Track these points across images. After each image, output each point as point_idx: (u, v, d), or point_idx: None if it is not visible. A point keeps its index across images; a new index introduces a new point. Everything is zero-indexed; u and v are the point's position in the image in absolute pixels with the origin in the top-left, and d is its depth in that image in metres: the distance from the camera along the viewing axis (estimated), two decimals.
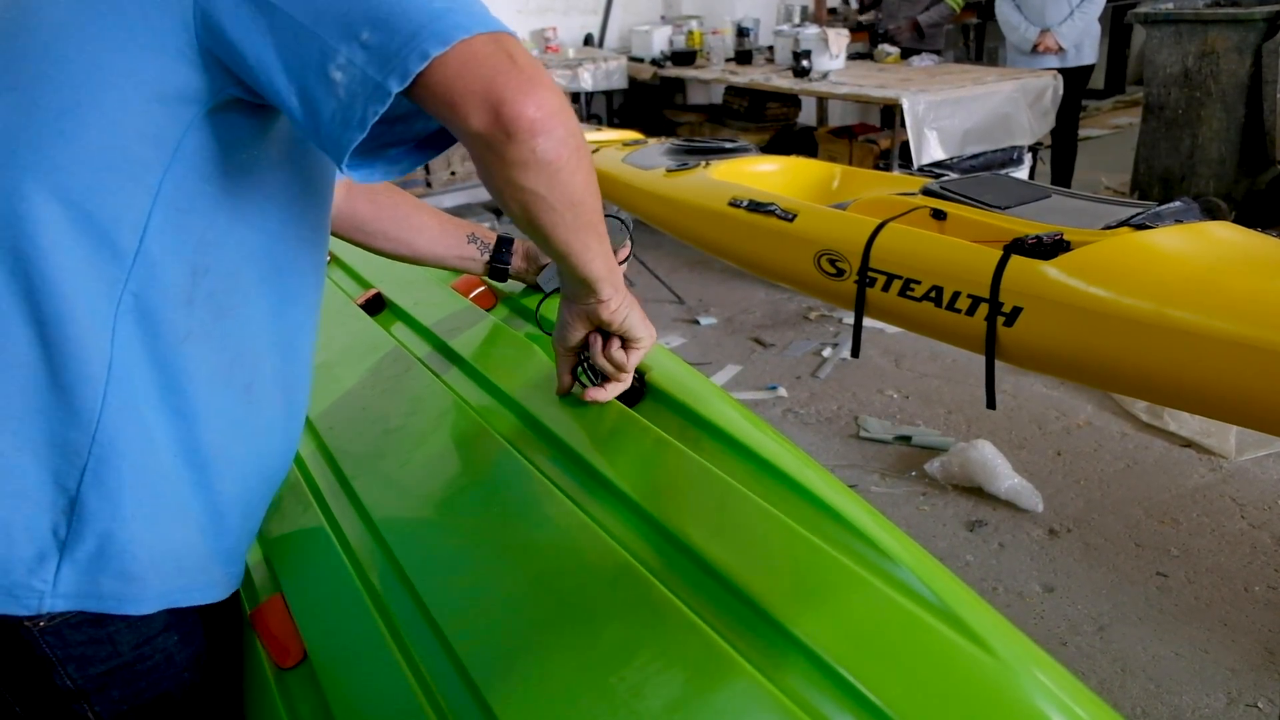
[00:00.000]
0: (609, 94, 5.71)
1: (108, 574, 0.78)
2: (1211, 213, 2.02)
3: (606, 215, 1.24)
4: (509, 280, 1.31)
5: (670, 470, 0.89)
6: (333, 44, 0.68)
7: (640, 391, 1.02)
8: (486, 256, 1.27)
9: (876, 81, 4.22)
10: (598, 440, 0.96)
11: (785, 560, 0.76)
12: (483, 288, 1.35)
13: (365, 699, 0.80)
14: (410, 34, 0.68)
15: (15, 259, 0.73)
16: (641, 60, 5.57)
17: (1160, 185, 4.33)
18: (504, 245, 1.27)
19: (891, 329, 3.41)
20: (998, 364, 2.05)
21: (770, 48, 5.28)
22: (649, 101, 5.93)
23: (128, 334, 0.76)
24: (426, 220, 1.22)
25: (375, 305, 1.43)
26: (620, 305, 0.93)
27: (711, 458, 0.89)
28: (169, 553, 0.81)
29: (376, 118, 0.69)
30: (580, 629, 0.75)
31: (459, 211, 5.24)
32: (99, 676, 0.82)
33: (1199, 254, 1.85)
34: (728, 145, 3.15)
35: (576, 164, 0.75)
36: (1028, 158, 4.00)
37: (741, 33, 5.34)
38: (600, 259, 0.87)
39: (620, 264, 1.28)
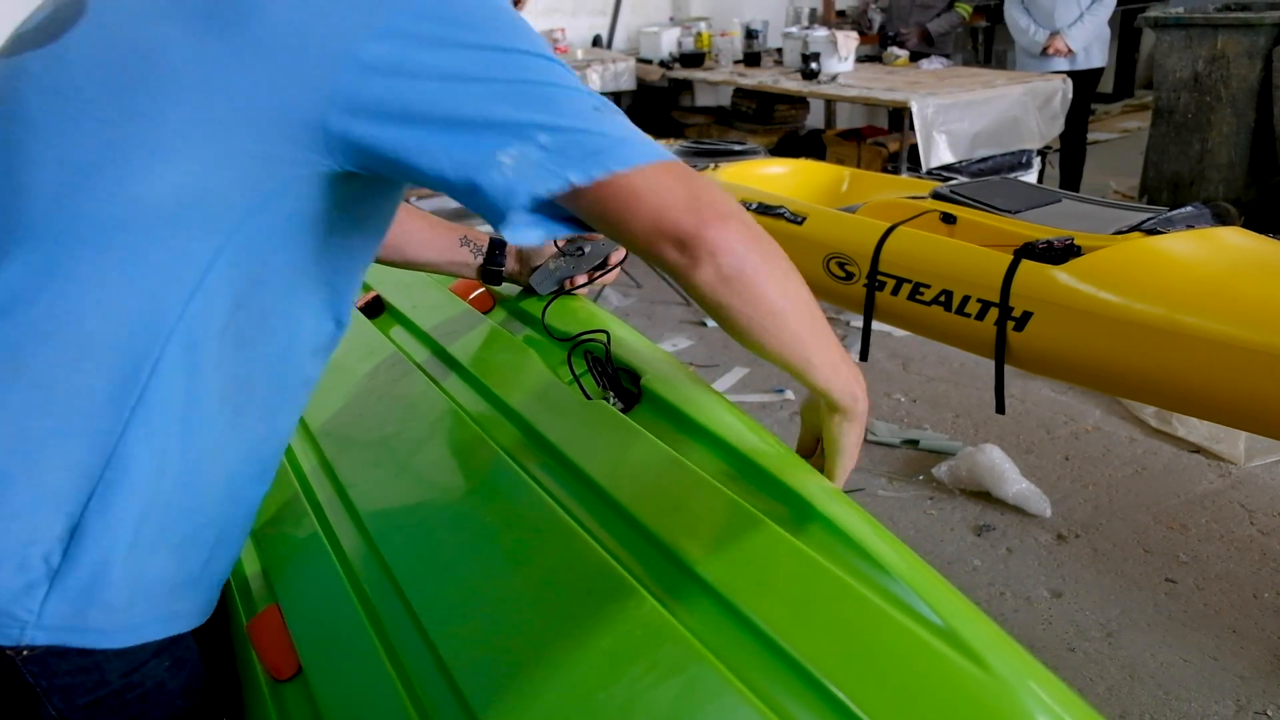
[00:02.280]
0: (617, 95, 5.71)
1: (96, 605, 0.75)
2: (1222, 218, 2.02)
3: None
4: (504, 283, 1.30)
5: (665, 479, 0.88)
6: (506, 139, 0.71)
7: (636, 396, 1.02)
8: (479, 259, 1.26)
9: (885, 84, 4.21)
10: (593, 448, 0.95)
11: (780, 574, 0.75)
12: (481, 289, 1.35)
13: (359, 713, 0.79)
14: (594, 150, 0.72)
15: (67, 281, 0.72)
16: (650, 62, 5.57)
17: (1169, 190, 4.31)
18: (497, 247, 1.26)
19: (899, 332, 3.40)
20: (1006, 368, 2.04)
21: (779, 50, 5.27)
22: (657, 103, 5.93)
23: (172, 360, 0.75)
24: (417, 225, 1.21)
25: (375, 308, 1.42)
26: (842, 424, 0.89)
27: (707, 466, 0.88)
28: (156, 580, 0.79)
29: (546, 198, 0.73)
30: (573, 644, 0.74)
31: (462, 214, 5.24)
32: (86, 707, 0.79)
33: (1210, 259, 1.84)
34: (736, 148, 3.15)
35: (764, 276, 0.77)
36: (1036, 161, 4.00)
37: (750, 35, 5.34)
38: (820, 369, 0.84)
39: (617, 266, 1.27)
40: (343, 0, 0.71)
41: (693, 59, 5.40)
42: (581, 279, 1.25)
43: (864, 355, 2.42)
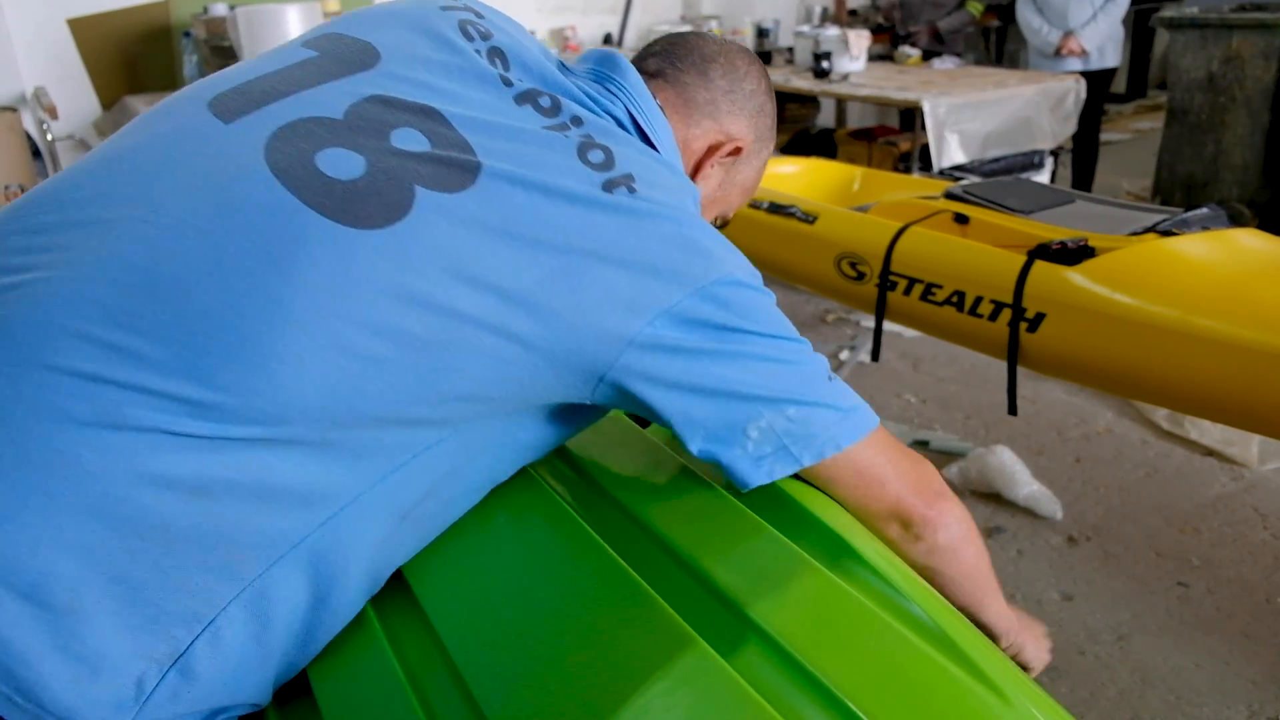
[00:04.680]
0: None
1: None
2: (1237, 219, 2.01)
3: None
4: None
5: (683, 494, 0.88)
6: (760, 410, 0.79)
7: None
8: None
9: (897, 84, 4.20)
10: (607, 456, 0.95)
11: (798, 592, 0.75)
12: None
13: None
14: (830, 424, 0.81)
15: (283, 446, 0.69)
16: None
17: (1182, 191, 4.29)
18: None
19: (910, 333, 3.39)
20: (1018, 369, 2.03)
21: (790, 49, 5.25)
22: None
23: (339, 530, 0.73)
24: None
25: None
26: (1011, 644, 1.02)
27: (723, 483, 0.88)
28: (228, 708, 0.75)
29: (778, 478, 0.82)
30: (586, 650, 0.73)
31: None
32: None
33: (1226, 261, 1.83)
34: None
35: (966, 545, 0.90)
36: (1049, 161, 3.98)
37: (761, 33, 5.32)
38: (993, 610, 0.97)
39: None
40: (643, 282, 0.75)
41: None
42: None
43: (875, 355, 2.41)
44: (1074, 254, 1.91)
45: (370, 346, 0.69)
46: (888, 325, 2.36)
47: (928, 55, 4.91)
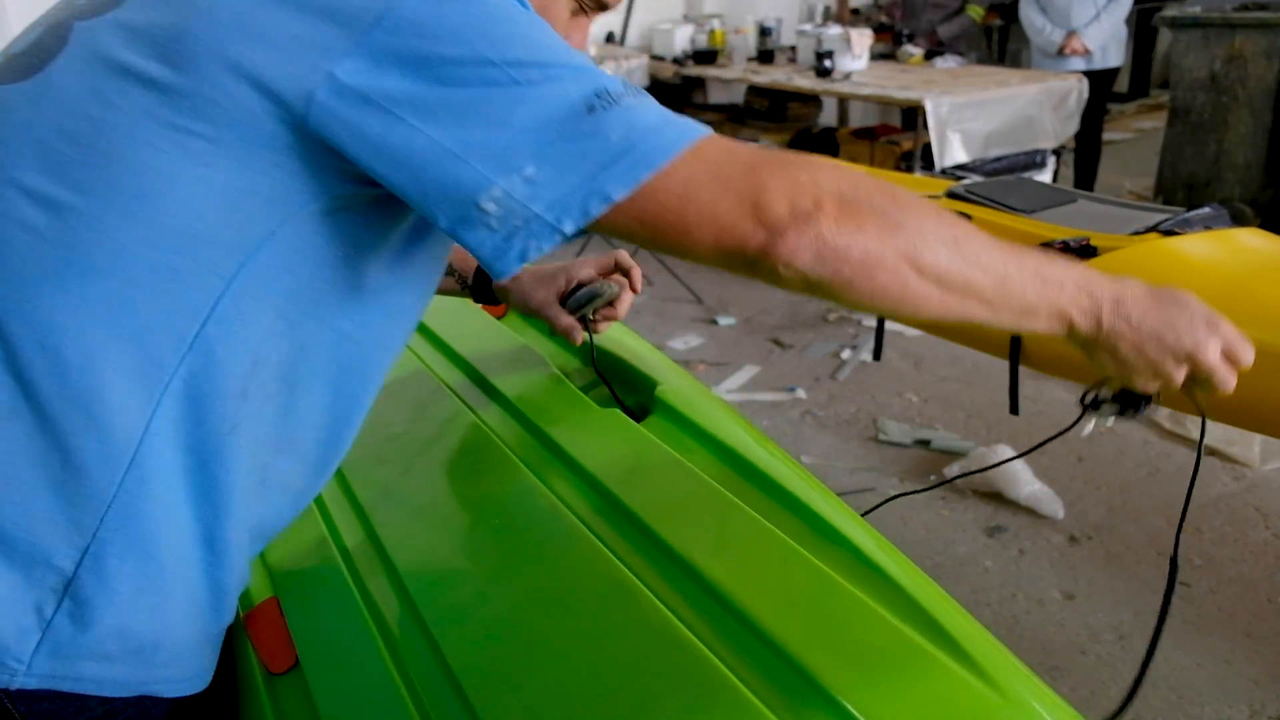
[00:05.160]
0: None
1: (90, 658, 0.70)
2: (1239, 219, 2.00)
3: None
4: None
5: (678, 490, 0.87)
6: (488, 175, 0.63)
7: (647, 408, 1.01)
8: (464, 289, 1.18)
9: (899, 83, 4.20)
10: (602, 453, 0.94)
11: (786, 583, 0.74)
12: None
13: (355, 707, 0.78)
14: (588, 174, 0.63)
15: (51, 333, 0.67)
16: (663, 59, 5.56)
17: (1185, 190, 4.28)
18: (484, 278, 1.17)
19: (911, 332, 3.39)
20: (1020, 368, 2.03)
21: (793, 47, 5.26)
22: (670, 100, 5.91)
23: (167, 422, 0.69)
24: None
25: None
26: (1104, 342, 0.80)
27: (719, 478, 0.87)
28: (161, 641, 0.73)
29: (541, 254, 0.65)
30: (578, 647, 0.73)
31: None
32: None
33: (1228, 261, 1.82)
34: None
35: (874, 272, 0.67)
36: (1051, 161, 3.98)
37: (764, 32, 5.32)
38: (996, 312, 0.75)
39: (609, 319, 1.13)
40: (311, 17, 0.64)
41: (706, 56, 5.38)
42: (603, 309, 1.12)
43: (877, 354, 2.42)
44: (1076, 253, 1.90)
45: (59, 193, 0.67)
46: (889, 324, 2.36)
47: (930, 54, 4.91)
